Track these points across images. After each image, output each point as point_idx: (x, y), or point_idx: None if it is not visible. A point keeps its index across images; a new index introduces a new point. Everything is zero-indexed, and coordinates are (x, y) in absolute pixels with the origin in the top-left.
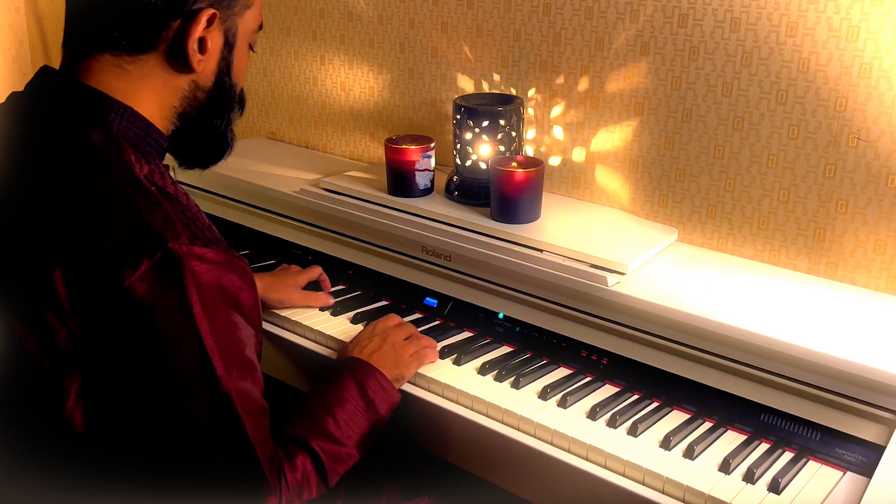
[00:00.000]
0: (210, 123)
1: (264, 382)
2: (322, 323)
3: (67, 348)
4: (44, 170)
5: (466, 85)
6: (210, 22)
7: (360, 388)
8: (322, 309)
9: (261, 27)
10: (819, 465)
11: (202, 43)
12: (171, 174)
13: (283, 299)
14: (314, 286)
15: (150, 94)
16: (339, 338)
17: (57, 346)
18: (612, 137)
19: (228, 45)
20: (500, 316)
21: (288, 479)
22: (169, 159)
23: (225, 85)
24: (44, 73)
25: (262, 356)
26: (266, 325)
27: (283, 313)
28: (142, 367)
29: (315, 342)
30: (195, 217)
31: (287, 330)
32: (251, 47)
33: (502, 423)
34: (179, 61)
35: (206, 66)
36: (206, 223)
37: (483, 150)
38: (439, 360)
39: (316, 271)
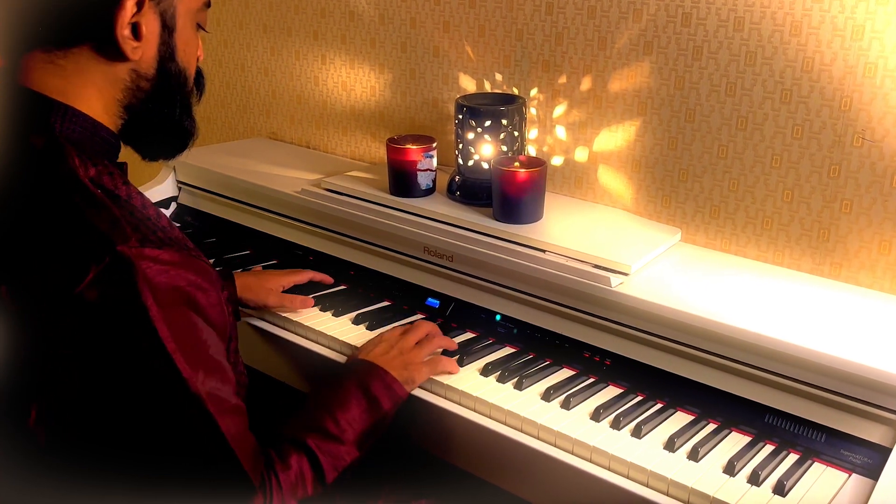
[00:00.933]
0: (161, 113)
1: (264, 383)
2: (324, 324)
3: (24, 364)
4: None
5: (468, 85)
6: (140, 6)
7: (364, 389)
8: (323, 310)
9: (208, 5)
10: (824, 466)
11: (136, 28)
12: (123, 174)
13: (258, 300)
14: (313, 288)
15: (91, 89)
16: (340, 339)
17: (13, 363)
18: (615, 137)
19: (167, 29)
20: (497, 318)
21: (280, 478)
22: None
23: (170, 71)
24: None
25: (235, 353)
26: (267, 326)
27: (285, 314)
28: (105, 375)
29: (317, 343)
30: (146, 218)
31: (288, 331)
32: (201, 27)
33: (505, 424)
34: (112, 51)
35: (144, 53)
36: (161, 224)
37: (485, 150)
38: None
39: (305, 275)
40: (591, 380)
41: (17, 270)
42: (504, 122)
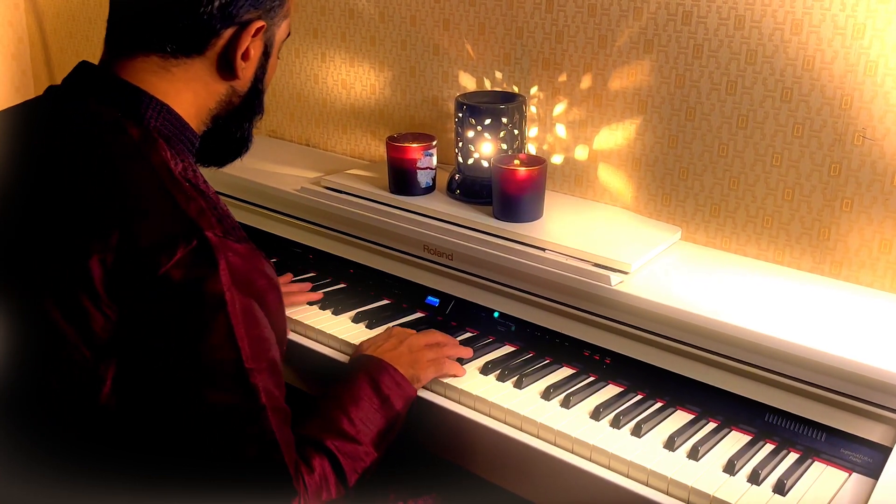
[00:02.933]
0: (239, 126)
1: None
2: (323, 322)
3: (103, 335)
4: (82, 160)
5: (468, 83)
6: (257, 32)
7: (374, 384)
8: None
9: (289, 35)
10: (824, 466)
11: (246, 51)
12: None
13: None
14: (313, 283)
15: (189, 95)
16: (340, 337)
17: (93, 333)
18: (615, 135)
19: (266, 54)
20: (496, 315)
21: (306, 481)
22: None
23: (258, 91)
24: (82, 68)
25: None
26: None
27: (296, 317)
28: (173, 354)
29: (316, 341)
30: (226, 215)
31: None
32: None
33: (505, 423)
34: (225, 68)
35: (245, 74)
36: (235, 223)
37: (485, 149)
38: None
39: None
40: (591, 378)
41: (107, 243)
42: (504, 120)
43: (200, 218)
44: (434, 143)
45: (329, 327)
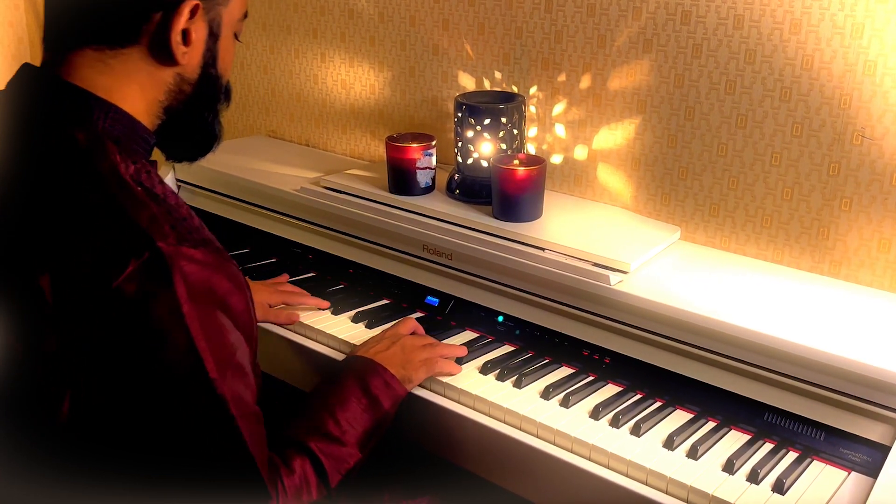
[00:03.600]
0: (199, 116)
1: (265, 383)
2: (322, 322)
3: (59, 353)
4: (28, 172)
5: (468, 82)
6: (193, 13)
7: (363, 385)
8: (330, 310)
9: (245, 15)
10: (823, 465)
11: (186, 34)
12: (158, 174)
13: None
14: (315, 285)
15: (135, 89)
16: (339, 336)
17: (47, 353)
18: (615, 135)
19: (213, 36)
20: (500, 319)
21: (285, 483)
22: (156, 153)
23: (211, 77)
24: (25, 71)
25: (256, 359)
26: (265, 324)
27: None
28: (134, 370)
29: (315, 341)
30: (183, 217)
31: (287, 328)
32: (236, 37)
33: (504, 422)
34: (163, 54)
35: (190, 59)
36: (196, 224)
37: (484, 148)
38: None
39: (293, 299)
40: (591, 378)
41: (57, 261)
42: (503, 120)
43: (152, 227)
44: (433, 143)
45: (328, 327)
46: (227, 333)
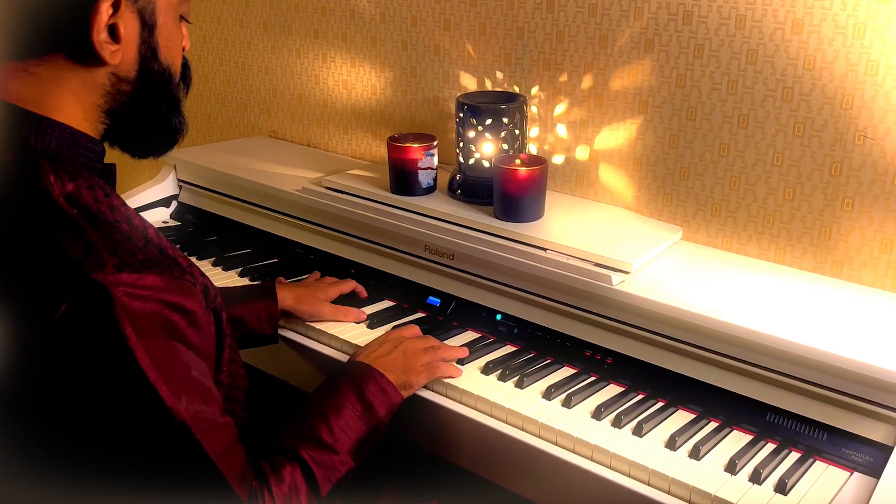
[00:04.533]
0: (146, 113)
1: (265, 382)
2: (324, 322)
3: (9, 395)
4: None
5: (469, 83)
6: (116, 7)
7: (359, 391)
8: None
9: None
10: (826, 465)
11: (114, 30)
12: (105, 185)
13: (314, 312)
14: (346, 299)
15: (68, 97)
16: (341, 337)
17: None
18: (616, 135)
19: (147, 27)
20: (498, 318)
21: (273, 490)
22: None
23: (153, 70)
24: None
25: (230, 363)
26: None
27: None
28: (87, 401)
29: (317, 341)
30: (126, 238)
31: (289, 329)
32: (184, 19)
33: (506, 423)
34: (89, 56)
35: (124, 55)
36: (140, 243)
37: (486, 149)
38: None
39: (349, 285)
40: (592, 378)
41: None
42: (505, 120)
43: (87, 257)
44: (435, 143)
45: (330, 327)
46: (179, 355)
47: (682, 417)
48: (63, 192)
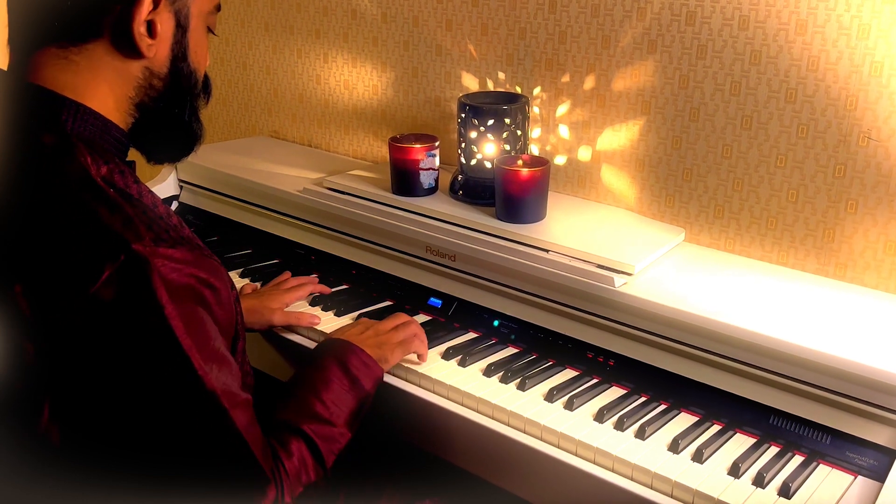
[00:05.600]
0: (171, 113)
1: (266, 384)
2: (326, 324)
3: (36, 364)
4: None
5: (471, 83)
6: (156, 3)
7: (343, 366)
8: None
9: (219, 8)
10: (830, 468)
11: (151, 26)
12: (133, 171)
13: (264, 323)
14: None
15: (103, 86)
16: (321, 329)
17: (26, 364)
18: (619, 136)
19: (181, 28)
20: (496, 324)
21: (286, 466)
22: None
23: (182, 71)
24: None
25: (243, 354)
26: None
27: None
28: (120, 375)
29: (318, 343)
30: (158, 217)
31: (290, 331)
32: (210, 30)
33: (508, 425)
34: (127, 47)
35: (158, 52)
36: (173, 222)
37: (488, 149)
38: (444, 362)
39: (304, 291)
40: (595, 380)
41: (30, 269)
42: (507, 120)
43: (126, 230)
44: (437, 143)
45: (332, 329)
46: (207, 326)
47: (685, 420)
48: (98, 173)
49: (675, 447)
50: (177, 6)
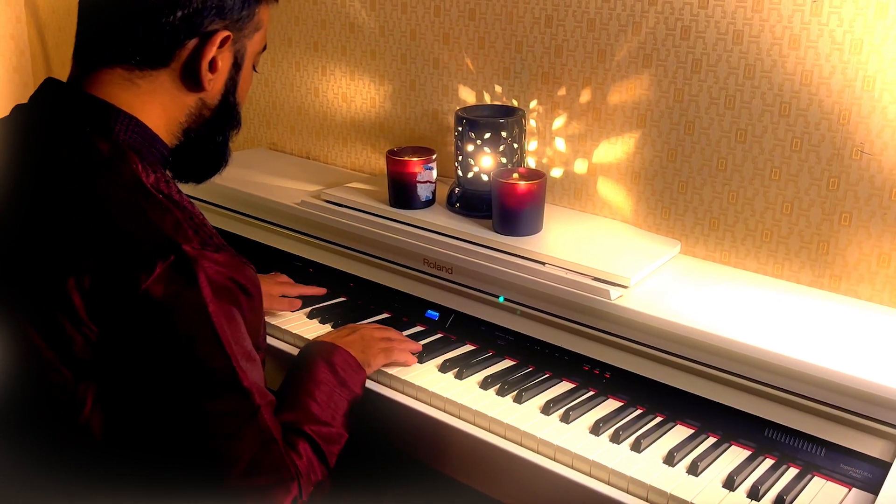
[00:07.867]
0: (212, 140)
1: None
2: (324, 337)
3: (83, 356)
4: (52, 179)
5: (468, 96)
6: (223, 43)
7: (330, 366)
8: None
9: (265, 48)
10: (824, 481)
11: (213, 63)
12: (176, 183)
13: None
14: (311, 299)
15: (157, 108)
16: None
17: (73, 354)
18: (615, 149)
19: (237, 66)
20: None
21: (298, 466)
22: None
23: (230, 104)
24: (49, 85)
25: (262, 364)
26: (268, 339)
27: (284, 326)
28: (163, 370)
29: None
30: (202, 224)
31: (287, 343)
32: (254, 68)
33: (504, 437)
34: (191, 80)
35: (214, 85)
36: (212, 230)
37: (485, 162)
38: (440, 374)
39: (297, 290)
40: (591, 393)
41: (84, 263)
42: (504, 134)
43: (176, 232)
44: (434, 156)
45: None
46: (242, 328)
47: (680, 432)
48: (147, 180)
49: (670, 460)
50: (237, 46)
